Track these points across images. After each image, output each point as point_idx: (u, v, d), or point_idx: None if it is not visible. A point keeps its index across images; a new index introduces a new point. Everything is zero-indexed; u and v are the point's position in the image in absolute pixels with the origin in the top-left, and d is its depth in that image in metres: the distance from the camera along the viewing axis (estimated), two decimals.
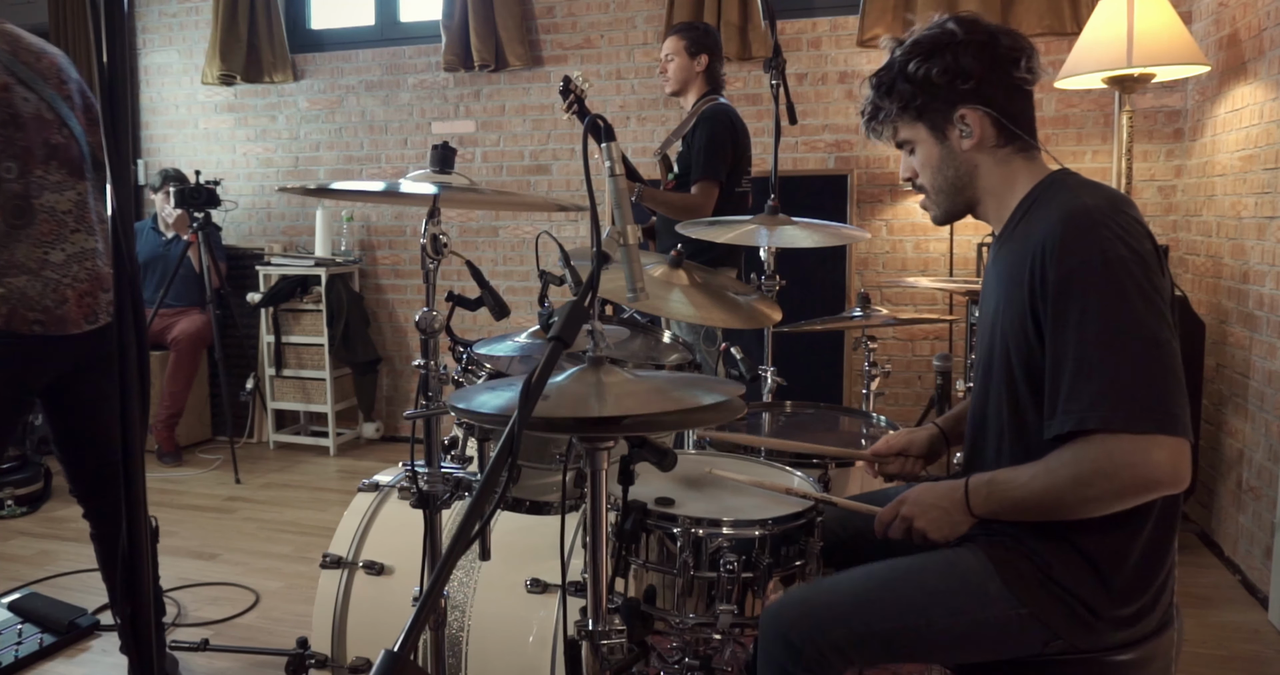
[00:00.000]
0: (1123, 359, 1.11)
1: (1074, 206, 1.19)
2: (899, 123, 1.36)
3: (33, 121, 1.90)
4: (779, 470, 1.63)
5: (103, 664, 2.37)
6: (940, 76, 1.29)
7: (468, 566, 1.78)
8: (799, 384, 2.50)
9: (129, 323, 0.84)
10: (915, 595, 1.26)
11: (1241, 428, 2.92)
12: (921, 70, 1.29)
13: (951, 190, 1.36)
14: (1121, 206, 1.20)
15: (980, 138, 1.30)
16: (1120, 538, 1.21)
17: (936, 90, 1.30)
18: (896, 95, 1.33)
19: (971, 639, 1.25)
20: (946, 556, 1.31)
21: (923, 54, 1.30)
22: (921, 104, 1.32)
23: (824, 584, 1.34)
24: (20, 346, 1.88)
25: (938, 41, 1.30)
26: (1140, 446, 1.09)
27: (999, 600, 1.23)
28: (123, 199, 0.82)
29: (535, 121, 4.47)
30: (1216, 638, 2.48)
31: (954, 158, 1.33)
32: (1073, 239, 1.16)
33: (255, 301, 4.49)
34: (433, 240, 1.37)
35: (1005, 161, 1.32)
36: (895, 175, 3.98)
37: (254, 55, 4.75)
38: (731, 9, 4.00)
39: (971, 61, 1.28)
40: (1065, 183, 1.28)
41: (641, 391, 1.13)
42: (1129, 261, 1.13)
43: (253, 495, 3.87)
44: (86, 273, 1.97)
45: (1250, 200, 2.88)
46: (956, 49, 1.28)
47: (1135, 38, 2.76)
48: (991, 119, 1.29)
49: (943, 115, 1.31)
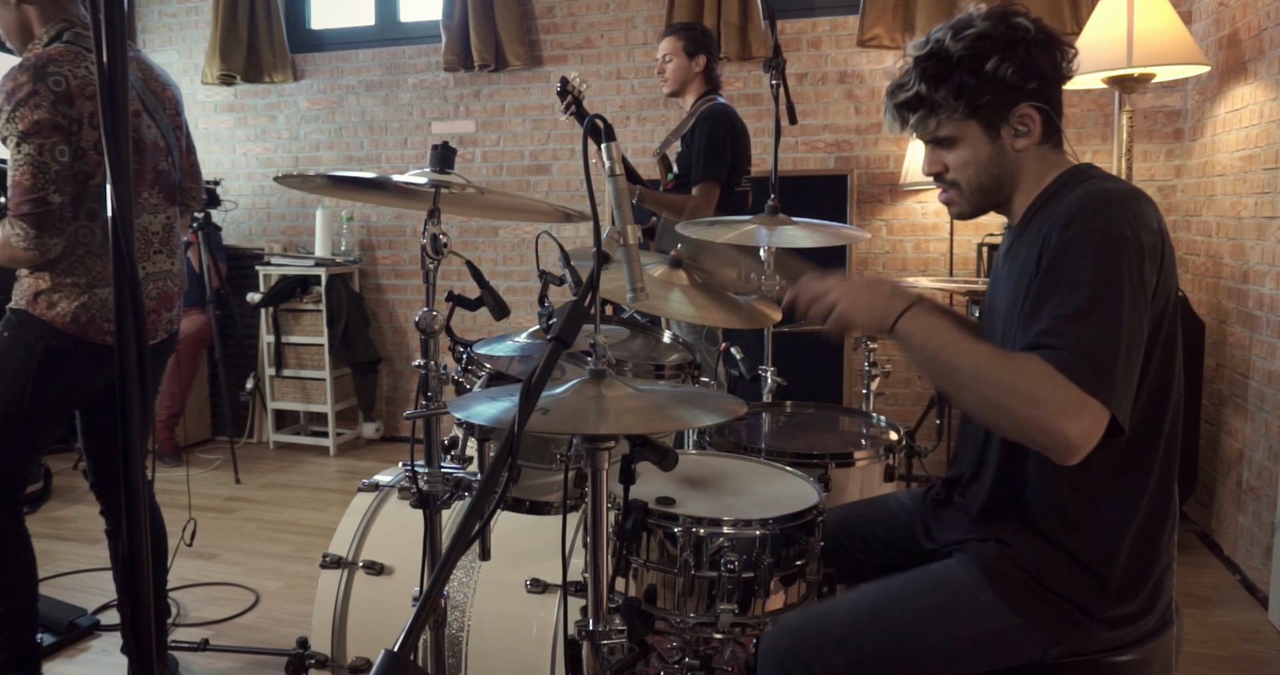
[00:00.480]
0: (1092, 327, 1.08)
1: (1093, 189, 1.19)
2: (947, 117, 1.27)
3: (150, 148, 2.02)
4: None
5: (103, 664, 2.36)
6: (1015, 75, 1.23)
7: (468, 566, 1.78)
8: (799, 384, 2.50)
9: (129, 323, 0.84)
10: (908, 617, 1.26)
11: (1241, 428, 2.92)
12: (998, 67, 1.22)
13: (992, 188, 1.31)
14: (1140, 197, 1.18)
15: (1033, 137, 1.27)
16: (1109, 536, 1.21)
17: (1005, 88, 1.24)
18: (953, 89, 1.25)
19: (969, 654, 1.24)
20: (937, 572, 1.30)
21: (1000, 50, 1.23)
22: (986, 102, 1.25)
23: (817, 610, 1.34)
24: (90, 354, 1.97)
25: (1011, 37, 1.23)
26: (1077, 403, 1.05)
27: (993, 612, 1.23)
28: (123, 199, 0.82)
29: (535, 121, 4.47)
30: (1216, 638, 2.48)
31: (1003, 157, 1.29)
32: (1082, 213, 1.15)
33: (255, 301, 4.49)
34: (433, 240, 1.37)
35: (1045, 157, 1.30)
36: (895, 175, 3.98)
37: (254, 55, 4.75)
38: (731, 9, 4.00)
39: (1045, 59, 1.24)
40: (1089, 173, 1.27)
41: (641, 408, 1.13)
42: (1129, 244, 1.11)
43: (253, 495, 3.87)
44: (158, 291, 2.07)
45: (1250, 200, 2.88)
46: (1030, 46, 1.23)
47: (1135, 38, 2.76)
48: (1045, 117, 1.27)
49: (999, 113, 1.26)
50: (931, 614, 1.25)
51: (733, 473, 1.63)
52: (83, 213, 1.91)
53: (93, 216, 1.92)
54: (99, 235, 1.93)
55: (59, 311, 1.92)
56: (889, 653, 1.24)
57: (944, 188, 1.36)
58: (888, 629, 1.25)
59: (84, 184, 1.88)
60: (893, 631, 1.25)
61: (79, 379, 2.00)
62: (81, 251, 1.92)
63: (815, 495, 1.47)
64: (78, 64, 1.84)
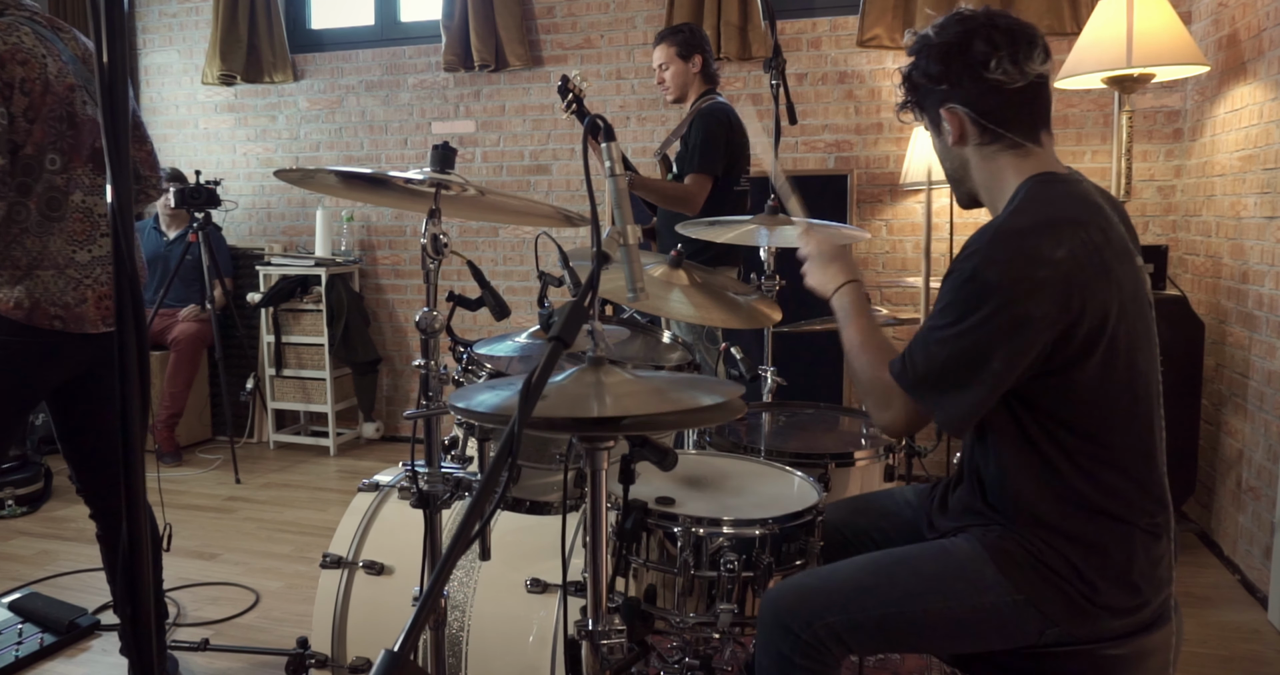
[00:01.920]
0: (923, 346, 1.27)
1: (998, 224, 1.24)
2: (911, 113, 1.41)
3: (87, 124, 1.96)
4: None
5: (103, 664, 2.37)
6: (920, 78, 1.35)
7: (468, 566, 1.78)
8: (799, 384, 2.50)
9: (129, 323, 0.84)
10: (910, 581, 1.28)
11: (1241, 428, 2.93)
12: (908, 71, 1.36)
13: (956, 180, 1.41)
14: (1057, 227, 1.20)
15: (960, 135, 1.33)
16: (1107, 524, 1.23)
17: (919, 91, 1.36)
18: (904, 89, 1.39)
19: (967, 626, 1.25)
20: (943, 545, 1.33)
21: (913, 55, 1.35)
22: (915, 101, 1.38)
23: (821, 571, 1.35)
24: (38, 342, 1.89)
25: (920, 43, 1.34)
26: (890, 397, 1.31)
27: (994, 586, 1.24)
28: (123, 199, 0.82)
29: (535, 121, 4.47)
30: (1216, 637, 2.48)
31: (948, 152, 1.38)
32: (967, 247, 1.23)
33: (255, 301, 4.50)
34: (433, 240, 1.37)
35: (992, 158, 1.33)
36: (895, 175, 3.98)
37: (254, 55, 4.75)
38: (731, 9, 4.00)
39: (937, 65, 1.31)
40: (1030, 193, 1.28)
41: (641, 392, 1.13)
42: (992, 287, 1.18)
43: (253, 495, 3.87)
44: (109, 276, 1.99)
45: (1250, 200, 2.89)
46: (928, 52, 1.33)
47: (1135, 38, 2.76)
48: (970, 118, 1.32)
49: (931, 113, 1.36)
50: (934, 580, 1.27)
51: (733, 473, 1.63)
52: (14, 187, 1.83)
53: (25, 191, 1.84)
54: (33, 212, 1.86)
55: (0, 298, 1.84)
56: (888, 615, 1.26)
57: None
58: (890, 593, 1.27)
59: (14, 154, 1.83)
60: (894, 595, 1.27)
61: (30, 369, 1.90)
62: (17, 230, 1.84)
63: (815, 495, 1.47)
64: (8, 33, 1.82)
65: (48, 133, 1.88)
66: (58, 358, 1.93)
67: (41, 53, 1.87)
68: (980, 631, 1.26)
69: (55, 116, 1.89)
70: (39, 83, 1.85)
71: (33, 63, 1.84)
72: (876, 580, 1.29)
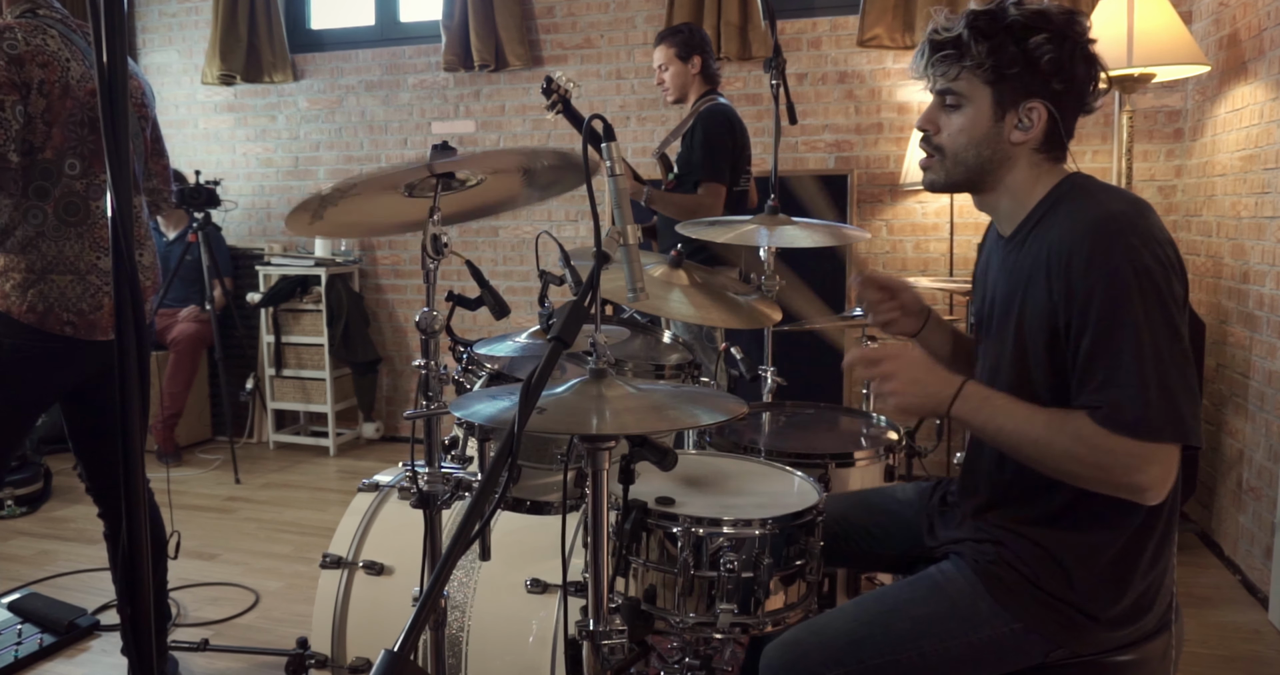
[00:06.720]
0: (1138, 374, 1.11)
1: (1099, 214, 1.17)
2: (969, 74, 1.24)
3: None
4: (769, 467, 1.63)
5: (103, 664, 2.36)
6: (1049, 63, 1.20)
7: (468, 566, 1.78)
8: (799, 384, 2.50)
9: (129, 323, 0.84)
10: (905, 627, 1.26)
11: (1241, 428, 2.92)
12: (1039, 47, 1.20)
13: (974, 167, 1.29)
14: (1144, 212, 1.18)
15: (1031, 136, 1.25)
16: (1106, 534, 1.21)
17: (1034, 71, 1.21)
18: (992, 46, 1.21)
19: (968, 662, 1.24)
20: (934, 579, 1.31)
21: (1051, 33, 1.20)
22: (1012, 74, 1.22)
23: (813, 625, 1.34)
24: (49, 346, 1.88)
25: (1066, 29, 1.21)
26: (1145, 455, 1.10)
27: (990, 619, 1.23)
28: (123, 199, 0.82)
29: (535, 121, 4.47)
30: (1216, 638, 2.48)
31: (997, 141, 1.26)
32: (1100, 249, 1.14)
33: (255, 301, 4.49)
34: (433, 240, 1.37)
35: (1036, 165, 1.28)
36: (895, 175, 3.98)
37: (254, 55, 4.75)
38: (731, 9, 4.00)
39: (1080, 69, 1.22)
40: (1085, 187, 1.25)
41: (640, 408, 1.13)
42: (1154, 271, 1.12)
43: (253, 495, 3.87)
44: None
45: (1250, 200, 2.88)
46: (1077, 48, 1.21)
47: (1135, 38, 2.76)
48: (1052, 124, 1.24)
49: (1016, 93, 1.23)
50: (927, 624, 1.25)
51: (732, 473, 1.63)
52: (31, 190, 1.83)
53: (42, 195, 1.84)
54: (50, 216, 1.85)
55: (13, 300, 1.83)
56: (887, 665, 1.25)
57: (928, 151, 1.33)
58: (885, 641, 1.26)
59: (31, 157, 1.82)
60: (890, 643, 1.25)
61: (40, 373, 1.90)
62: (32, 232, 1.84)
63: (815, 495, 1.47)
64: (33, 34, 1.81)
65: (68, 137, 1.86)
66: (69, 362, 1.93)
67: (65, 56, 1.85)
68: (983, 663, 1.25)
69: (76, 121, 1.88)
70: (59, 85, 1.83)
71: (54, 65, 1.83)
72: (870, 631, 1.27)
